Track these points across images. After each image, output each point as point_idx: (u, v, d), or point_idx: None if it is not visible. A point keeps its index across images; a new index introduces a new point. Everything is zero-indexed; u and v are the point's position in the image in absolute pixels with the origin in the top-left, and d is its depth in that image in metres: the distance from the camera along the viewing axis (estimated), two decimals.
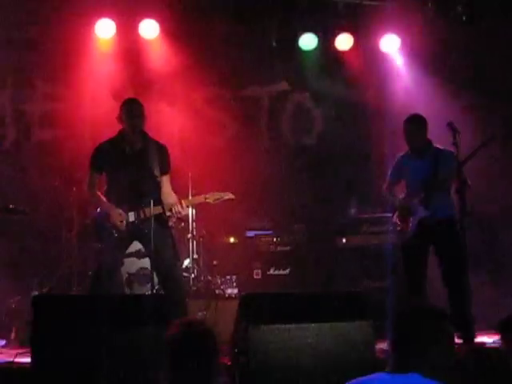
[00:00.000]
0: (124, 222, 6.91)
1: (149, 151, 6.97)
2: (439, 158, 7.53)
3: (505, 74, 9.88)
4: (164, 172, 7.11)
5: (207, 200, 7.36)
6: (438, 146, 7.61)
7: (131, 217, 6.95)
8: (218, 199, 7.40)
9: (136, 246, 7.77)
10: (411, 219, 7.55)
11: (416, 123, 7.62)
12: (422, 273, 7.47)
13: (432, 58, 10.10)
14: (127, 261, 8.26)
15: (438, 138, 7.64)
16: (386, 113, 9.94)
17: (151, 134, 7.20)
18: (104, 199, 7.03)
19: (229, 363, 5.71)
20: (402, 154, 7.84)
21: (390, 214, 8.05)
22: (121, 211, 6.92)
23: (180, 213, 7.16)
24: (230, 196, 7.50)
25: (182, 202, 7.16)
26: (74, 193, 8.93)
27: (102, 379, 4.90)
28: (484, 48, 9.95)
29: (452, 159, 7.22)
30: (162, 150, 7.16)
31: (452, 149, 7.14)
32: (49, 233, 9.34)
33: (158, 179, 6.94)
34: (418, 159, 7.63)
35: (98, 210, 7.09)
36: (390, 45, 10.47)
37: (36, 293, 8.27)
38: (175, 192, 7.37)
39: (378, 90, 10.44)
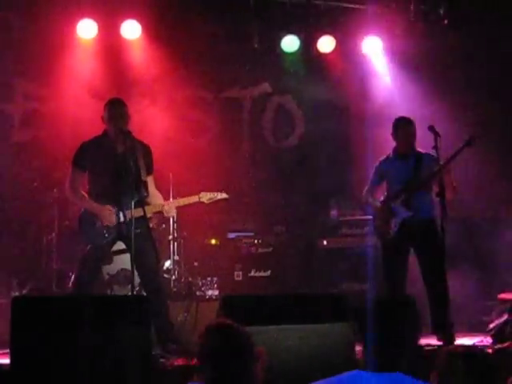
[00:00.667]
0: (115, 222, 6.86)
1: (133, 151, 6.92)
2: (421, 160, 7.57)
3: (485, 76, 9.95)
4: (149, 172, 7.09)
5: (201, 199, 7.35)
6: (420, 149, 7.65)
7: (121, 217, 6.91)
8: (211, 199, 7.40)
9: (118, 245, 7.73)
10: (393, 220, 7.57)
11: (414, 125, 7.65)
12: (401, 274, 7.51)
13: (413, 60, 10.13)
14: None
15: (418, 140, 7.66)
16: (368, 114, 9.96)
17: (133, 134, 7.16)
18: (89, 199, 6.94)
19: None
20: (383, 157, 7.86)
21: (370, 217, 8.06)
22: (111, 210, 6.88)
23: (169, 214, 7.17)
24: (224, 196, 7.50)
25: (175, 201, 7.16)
26: (55, 194, 8.90)
27: (82, 380, 4.87)
28: (466, 51, 10.00)
29: (434, 161, 7.26)
30: (146, 149, 7.12)
31: (433, 152, 7.17)
32: (29, 234, 9.30)
33: (144, 179, 6.89)
34: (401, 161, 7.65)
35: (83, 210, 7.01)
36: (372, 47, 10.50)
37: (16, 294, 8.23)
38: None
39: (360, 92, 10.46)
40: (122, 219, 6.88)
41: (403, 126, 7.65)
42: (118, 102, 7.11)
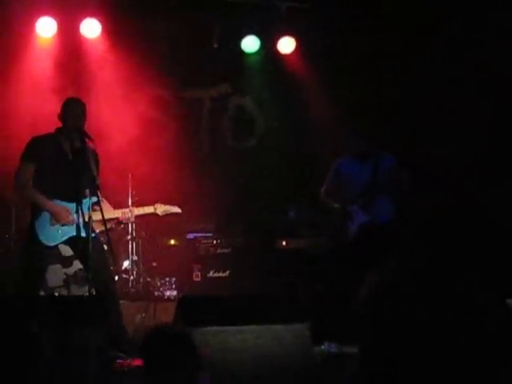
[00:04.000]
0: (73, 222, 6.74)
1: (86, 153, 6.83)
2: (379, 162, 7.60)
3: None
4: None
5: (156, 211, 7.37)
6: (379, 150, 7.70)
7: (77, 218, 6.80)
8: (165, 211, 7.43)
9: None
10: (350, 224, 7.58)
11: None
12: (356, 281, 7.49)
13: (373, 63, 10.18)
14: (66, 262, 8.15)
15: None
16: (327, 115, 10.00)
17: (91, 133, 7.08)
18: (44, 196, 6.78)
19: None
20: (340, 158, 7.88)
21: (328, 218, 8.08)
22: (68, 209, 6.79)
23: (129, 219, 7.17)
24: (177, 210, 7.53)
25: (130, 210, 7.15)
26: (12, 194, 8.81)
27: (38, 381, 4.84)
28: None
29: (392, 163, 7.32)
30: (95, 156, 7.04)
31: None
32: None
33: (97, 182, 6.80)
34: (359, 163, 7.67)
35: (33, 207, 6.89)
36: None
37: None
38: (116, 191, 7.34)
39: (319, 93, 10.49)
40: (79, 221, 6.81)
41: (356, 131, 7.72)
42: (77, 101, 7.06)
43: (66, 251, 7.18)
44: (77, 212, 6.66)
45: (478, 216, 8.53)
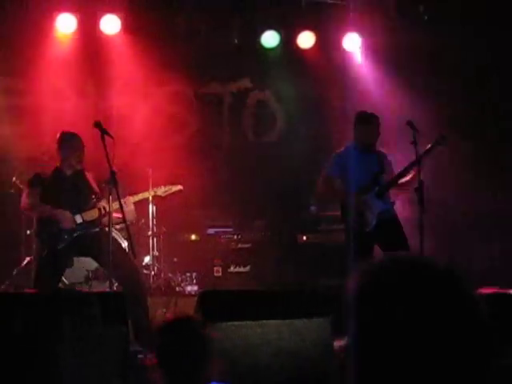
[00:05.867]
0: (73, 224, 6.94)
1: (84, 173, 7.13)
2: (381, 156, 7.63)
3: (464, 75, 9.99)
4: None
5: (157, 193, 7.38)
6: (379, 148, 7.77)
7: (78, 218, 6.97)
8: (166, 192, 7.42)
9: None
10: (369, 213, 7.51)
11: (374, 123, 7.67)
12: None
13: (393, 57, 10.14)
14: (86, 259, 8.18)
15: (397, 136, 7.69)
16: (348, 110, 9.97)
17: (112, 129, 7.12)
18: (46, 205, 7.07)
19: None
20: (341, 149, 7.82)
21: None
22: (69, 213, 6.96)
23: (128, 215, 7.19)
24: (179, 187, 7.53)
25: (130, 198, 7.19)
26: None
27: (59, 377, 4.86)
28: (444, 49, 10.02)
29: (389, 159, 7.42)
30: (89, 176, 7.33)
31: (411, 147, 7.19)
32: (6, 229, 9.23)
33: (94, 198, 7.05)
34: (365, 154, 7.64)
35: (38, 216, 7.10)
36: (352, 43, 10.49)
37: None
38: (136, 188, 7.37)
39: (339, 88, 10.47)
40: (78, 221, 6.95)
41: (363, 123, 7.68)
42: (75, 137, 7.20)
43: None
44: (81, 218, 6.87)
45: None
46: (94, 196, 7.09)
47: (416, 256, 1.70)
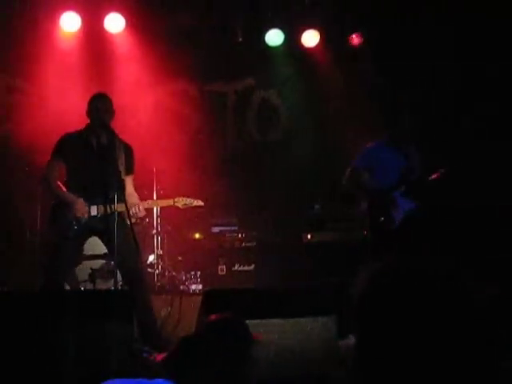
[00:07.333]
0: (86, 214, 6.83)
1: (115, 148, 6.92)
2: (408, 154, 7.58)
3: None
4: (129, 172, 7.08)
5: (176, 204, 7.33)
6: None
7: (93, 211, 6.87)
8: (186, 205, 7.38)
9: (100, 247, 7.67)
10: (395, 211, 7.41)
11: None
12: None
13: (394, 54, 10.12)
14: (91, 256, 8.19)
15: None
16: (353, 109, 9.97)
17: (116, 127, 7.13)
18: (65, 189, 6.86)
19: None
20: (372, 143, 7.74)
21: (352, 211, 7.98)
22: (84, 203, 6.83)
23: (137, 214, 7.11)
24: (200, 203, 7.47)
25: (144, 203, 7.13)
26: (40, 189, 8.86)
27: (65, 374, 4.86)
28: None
29: (417, 157, 7.30)
30: (128, 150, 7.11)
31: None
32: (12, 228, 9.24)
33: (123, 177, 6.88)
34: (394, 151, 7.57)
35: (54, 201, 6.96)
36: (355, 42, 10.47)
37: None
38: (141, 186, 7.34)
39: (344, 87, 10.46)
40: (93, 213, 6.87)
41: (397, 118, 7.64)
42: (103, 97, 7.08)
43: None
44: (89, 207, 6.77)
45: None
46: (121, 182, 6.80)
47: (420, 259, 1.70)
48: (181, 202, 7.33)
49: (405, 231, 7.36)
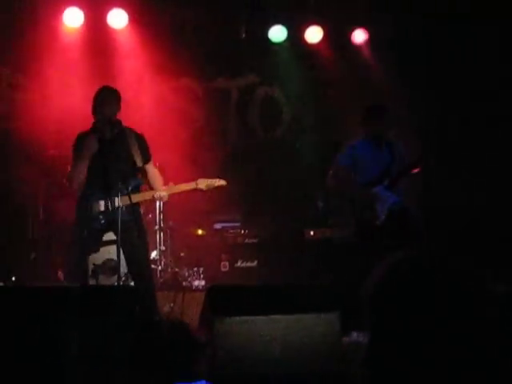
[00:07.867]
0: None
1: (123, 140, 6.92)
2: (393, 146, 7.59)
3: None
4: (147, 160, 7.11)
5: (199, 186, 7.30)
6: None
7: (101, 206, 6.89)
8: (209, 186, 7.34)
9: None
10: (379, 205, 7.42)
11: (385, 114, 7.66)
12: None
13: (400, 53, 10.10)
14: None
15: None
16: (355, 105, 9.94)
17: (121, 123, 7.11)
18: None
19: None
20: (354, 141, 7.79)
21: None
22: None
23: (162, 199, 7.17)
24: (222, 182, 7.45)
25: (172, 188, 7.14)
26: (43, 185, 8.87)
27: (68, 371, 4.85)
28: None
29: (402, 148, 7.35)
30: (139, 137, 7.13)
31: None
32: (15, 223, 9.24)
33: (136, 167, 6.92)
34: (376, 147, 7.61)
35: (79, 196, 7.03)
36: (360, 38, 10.46)
37: (0, 284, 8.20)
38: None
39: (347, 83, 10.44)
40: (101, 208, 6.88)
41: (375, 112, 7.66)
42: (106, 90, 7.08)
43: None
44: (105, 205, 6.79)
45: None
46: (132, 174, 6.97)
47: (431, 253, 1.69)
48: (203, 183, 7.29)
49: (391, 225, 7.38)
